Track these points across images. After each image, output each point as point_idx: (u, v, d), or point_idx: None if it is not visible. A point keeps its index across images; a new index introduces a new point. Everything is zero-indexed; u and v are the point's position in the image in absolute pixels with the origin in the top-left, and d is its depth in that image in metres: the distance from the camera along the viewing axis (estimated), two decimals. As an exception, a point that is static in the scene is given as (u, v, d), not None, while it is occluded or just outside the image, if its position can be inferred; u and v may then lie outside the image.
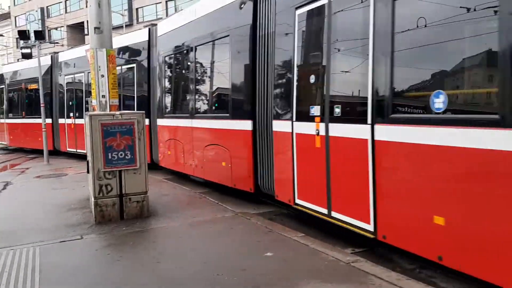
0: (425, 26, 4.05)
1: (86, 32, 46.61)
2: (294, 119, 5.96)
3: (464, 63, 3.87)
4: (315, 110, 5.52)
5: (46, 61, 16.60)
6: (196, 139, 8.85)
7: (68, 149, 15.75)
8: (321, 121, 5.40)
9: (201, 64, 8.94)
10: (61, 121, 16.16)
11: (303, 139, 5.79)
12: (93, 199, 6.32)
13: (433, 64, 4.15)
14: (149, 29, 11.59)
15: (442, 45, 3.98)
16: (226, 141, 7.74)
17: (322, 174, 5.40)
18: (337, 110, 5.15)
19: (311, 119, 5.57)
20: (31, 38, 15.27)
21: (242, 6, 7.20)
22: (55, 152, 16.33)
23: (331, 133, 5.25)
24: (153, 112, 11.27)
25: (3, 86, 19.76)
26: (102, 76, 6.73)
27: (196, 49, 8.78)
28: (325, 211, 5.46)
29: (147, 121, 11.04)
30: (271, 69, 6.58)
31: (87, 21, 9.44)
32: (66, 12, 55.34)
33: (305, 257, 4.67)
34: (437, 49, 4.03)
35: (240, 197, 7.52)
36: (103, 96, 6.76)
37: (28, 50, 15.87)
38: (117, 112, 6.49)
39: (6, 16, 65.98)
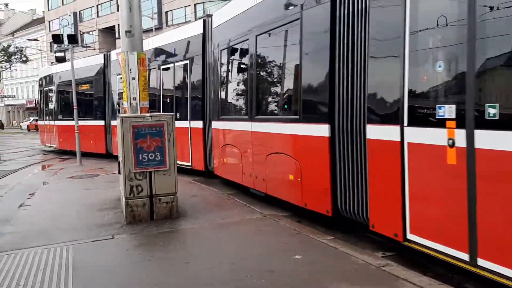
0: None
1: (117, 35, 47.67)
2: (405, 123, 4.45)
3: None
4: (447, 111, 4.02)
5: (98, 60, 16.35)
6: (256, 145, 7.61)
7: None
8: (459, 126, 3.91)
9: (262, 57, 7.70)
10: (113, 123, 14.99)
11: (424, 152, 4.32)
12: (124, 199, 6.44)
13: None
14: (204, 21, 10.39)
15: None
16: (294, 150, 6.48)
17: (460, 204, 3.92)
18: (492, 111, 3.59)
19: (438, 123, 4.10)
20: (64, 42, 15.69)
21: None
22: (108, 156, 15.55)
23: (478, 145, 3.74)
24: (207, 114, 10.22)
25: (53, 87, 19.11)
26: (133, 78, 6.86)
27: (256, 39, 7.49)
28: (465, 256, 3.95)
29: (201, 124, 10.39)
30: (359, 57, 5.19)
31: (118, 25, 9.55)
32: (98, 16, 56.79)
33: (334, 260, 4.62)
34: None
35: (268, 200, 7.51)
36: (134, 99, 6.89)
37: (61, 54, 16.36)
38: (148, 114, 6.59)
39: (40, 21, 68.21)
